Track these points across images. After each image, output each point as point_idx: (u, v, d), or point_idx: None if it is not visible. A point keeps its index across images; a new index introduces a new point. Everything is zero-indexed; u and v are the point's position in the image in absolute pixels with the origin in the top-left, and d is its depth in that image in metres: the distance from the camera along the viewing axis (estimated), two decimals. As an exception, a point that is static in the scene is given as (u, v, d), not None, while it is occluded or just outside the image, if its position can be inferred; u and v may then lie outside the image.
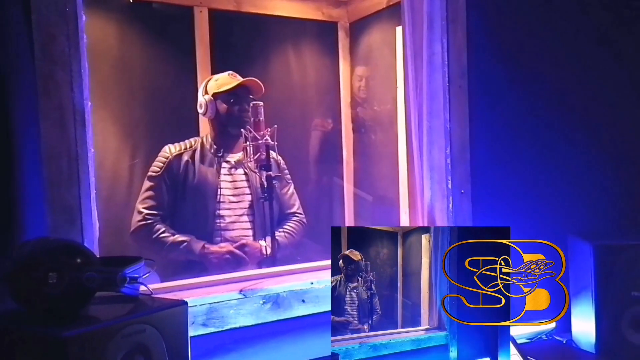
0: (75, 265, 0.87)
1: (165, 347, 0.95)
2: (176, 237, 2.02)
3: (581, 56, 1.93)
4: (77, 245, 0.93)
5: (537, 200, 1.82)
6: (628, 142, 1.99)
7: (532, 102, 1.84)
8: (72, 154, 1.27)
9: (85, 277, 0.87)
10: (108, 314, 0.91)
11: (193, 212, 2.07)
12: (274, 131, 2.04)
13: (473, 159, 1.74)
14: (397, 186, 2.23)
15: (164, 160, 2.06)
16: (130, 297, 0.96)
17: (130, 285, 0.93)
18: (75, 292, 0.87)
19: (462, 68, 1.74)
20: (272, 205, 2.04)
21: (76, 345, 0.82)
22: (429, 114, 1.77)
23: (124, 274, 0.91)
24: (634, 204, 1.95)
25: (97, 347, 0.84)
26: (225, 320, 1.43)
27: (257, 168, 2.06)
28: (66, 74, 1.27)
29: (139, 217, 2.02)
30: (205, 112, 2.12)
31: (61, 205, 1.25)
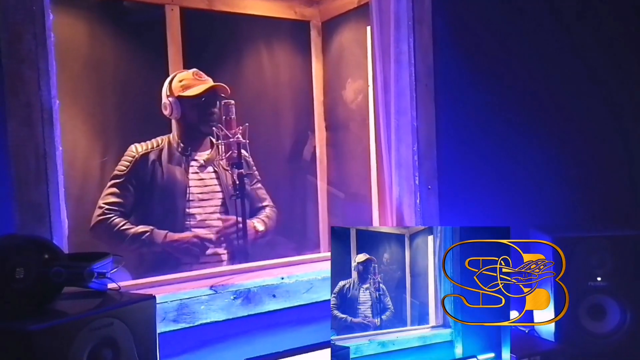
0: (42, 260, 0.89)
1: (134, 341, 0.96)
2: (137, 229, 1.99)
3: (541, 57, 1.99)
4: (44, 241, 0.95)
5: (500, 196, 1.88)
6: (586, 140, 2.06)
7: (495, 101, 1.90)
8: (39, 152, 1.27)
9: (52, 272, 0.88)
10: (75, 308, 0.92)
11: (162, 211, 2.06)
12: (245, 129, 2.06)
13: (439, 155, 1.78)
14: (370, 184, 2.27)
15: (130, 160, 2.04)
16: (98, 292, 0.97)
17: (98, 280, 0.94)
18: (42, 287, 0.89)
19: (429, 67, 1.78)
20: (244, 203, 2.06)
21: (43, 339, 0.83)
22: (396, 112, 1.81)
23: (92, 269, 0.92)
24: (590, 199, 2.02)
25: (64, 341, 0.86)
26: (196, 315, 1.45)
27: (229, 166, 2.07)
28: (33, 73, 1.27)
29: (99, 212, 1.99)
30: (171, 113, 2.09)
31: (29, 203, 1.26)
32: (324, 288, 1.62)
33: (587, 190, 2.01)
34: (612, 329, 1.59)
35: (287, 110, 2.85)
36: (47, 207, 1.28)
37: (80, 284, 0.93)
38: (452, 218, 1.80)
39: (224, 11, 2.62)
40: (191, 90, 2.06)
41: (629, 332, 1.57)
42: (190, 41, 2.52)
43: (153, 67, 2.47)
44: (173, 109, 2.08)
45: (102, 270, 0.96)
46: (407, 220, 1.81)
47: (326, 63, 2.87)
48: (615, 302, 1.59)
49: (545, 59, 2.00)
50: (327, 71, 2.87)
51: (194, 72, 2.12)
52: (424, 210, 1.77)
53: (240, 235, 2.07)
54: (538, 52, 1.98)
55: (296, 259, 1.74)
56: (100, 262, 0.96)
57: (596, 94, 2.08)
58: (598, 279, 1.59)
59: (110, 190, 2.01)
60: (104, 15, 2.37)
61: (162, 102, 2.12)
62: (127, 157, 2.06)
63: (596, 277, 1.58)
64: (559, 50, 2.02)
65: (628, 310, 1.58)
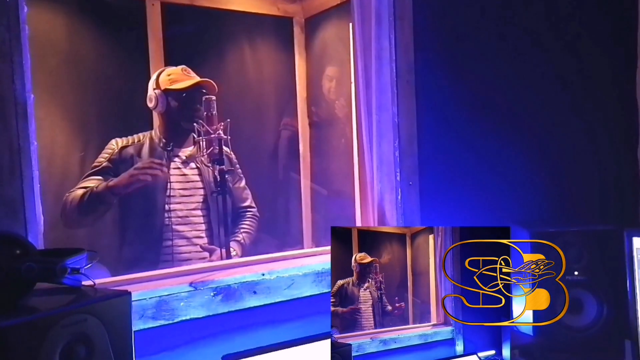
0: (13, 255, 0.87)
1: (109, 338, 0.95)
2: (77, 192, 1.95)
3: (519, 55, 2.01)
4: (15, 236, 0.93)
5: (480, 191, 1.89)
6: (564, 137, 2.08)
7: (474, 97, 1.91)
8: (13, 147, 1.25)
9: (24, 268, 0.87)
10: (47, 305, 0.91)
11: (141, 206, 2.05)
12: (226, 125, 2.05)
13: (420, 152, 1.79)
14: (352, 180, 2.27)
15: (110, 152, 2.03)
16: (72, 288, 0.96)
17: (72, 276, 0.93)
18: (13, 282, 0.87)
19: (410, 64, 1.79)
20: (226, 199, 2.05)
21: (14, 335, 0.82)
22: (378, 108, 1.81)
23: (65, 265, 0.91)
24: (569, 195, 2.04)
25: (36, 338, 0.84)
26: (176, 312, 1.44)
27: (210, 162, 2.07)
28: (7, 66, 1.25)
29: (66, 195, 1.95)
30: (156, 106, 2.09)
31: (3, 199, 1.24)
32: (306, 284, 1.61)
33: (566, 186, 2.04)
34: (589, 323, 1.61)
35: (269, 107, 2.84)
36: (22, 203, 1.26)
37: (53, 279, 0.92)
38: (433, 214, 1.81)
39: (205, 6, 2.60)
40: (178, 84, 2.06)
41: (605, 325, 1.60)
42: (172, 37, 2.50)
43: (133, 63, 2.44)
44: (158, 102, 2.08)
45: (76, 266, 0.94)
46: (389, 216, 1.81)
47: (309, 60, 2.87)
48: (592, 296, 1.61)
49: (523, 58, 2.02)
50: (310, 68, 2.87)
51: (182, 68, 2.14)
52: (405, 206, 1.78)
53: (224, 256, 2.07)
54: (516, 49, 2.00)
55: (277, 255, 1.74)
56: (74, 257, 0.95)
57: (567, 94, 2.11)
58: (575, 273, 1.61)
59: (87, 179, 1.99)
60: (83, 10, 2.34)
61: (147, 95, 2.12)
62: (107, 149, 2.05)
63: (573, 271, 1.60)
64: (535, 50, 2.04)
65: (604, 303, 1.61)
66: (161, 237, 2.05)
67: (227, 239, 2.13)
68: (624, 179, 2.05)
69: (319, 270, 1.64)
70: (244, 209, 2.25)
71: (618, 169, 2.07)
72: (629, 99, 2.03)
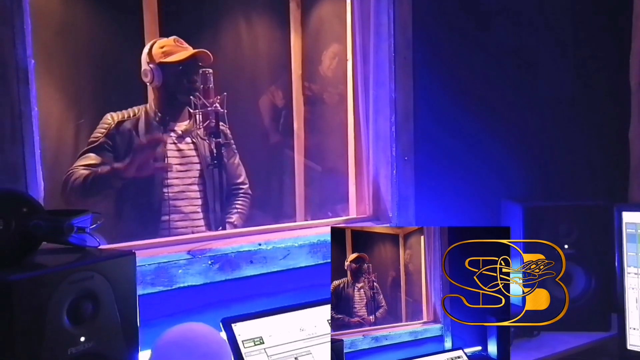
0: (21, 213, 0.88)
1: (114, 296, 0.97)
2: (81, 172, 1.93)
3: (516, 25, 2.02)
4: (23, 194, 0.94)
5: (475, 168, 1.92)
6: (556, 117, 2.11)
7: (471, 73, 1.93)
8: (15, 111, 1.25)
9: (32, 225, 0.88)
10: (55, 262, 0.93)
11: (140, 180, 2.05)
12: (223, 99, 2.05)
13: (416, 128, 1.81)
14: (347, 157, 2.28)
15: (106, 127, 2.01)
16: (77, 248, 0.97)
17: (78, 235, 0.95)
18: (21, 239, 0.88)
19: (408, 40, 1.80)
20: (222, 173, 2.06)
21: (22, 290, 0.83)
22: (375, 84, 1.83)
23: (72, 223, 0.92)
24: (561, 170, 2.08)
25: (44, 292, 0.86)
26: (174, 279, 1.46)
27: (207, 135, 2.07)
28: (8, 30, 1.24)
29: (69, 172, 1.95)
30: (152, 80, 2.05)
31: (4, 164, 1.24)
32: (301, 255, 1.64)
33: (558, 163, 2.07)
34: (578, 294, 1.65)
35: (263, 82, 2.84)
36: (23, 168, 1.26)
37: (60, 237, 0.93)
38: (428, 189, 1.84)
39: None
40: (174, 56, 2.03)
41: (593, 298, 1.65)
42: (167, 9, 2.48)
43: (128, 35, 2.42)
44: (154, 76, 2.04)
45: (82, 225, 0.96)
46: (383, 191, 1.84)
47: (305, 37, 2.86)
48: (581, 269, 1.65)
49: (521, 33, 2.03)
50: (306, 45, 2.86)
51: (174, 39, 2.09)
52: (399, 182, 1.80)
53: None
54: (515, 26, 2.02)
55: (273, 227, 1.76)
56: (80, 217, 0.96)
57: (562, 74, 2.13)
58: (565, 246, 1.65)
59: (85, 155, 1.98)
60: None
61: (142, 69, 2.09)
62: (103, 124, 2.02)
63: (564, 244, 1.64)
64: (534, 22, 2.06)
65: (593, 276, 1.65)
66: (159, 211, 2.05)
67: (223, 215, 2.15)
68: (613, 158, 2.09)
69: (314, 242, 1.66)
70: (237, 186, 2.25)
71: (610, 150, 2.11)
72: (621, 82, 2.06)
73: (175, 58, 2.04)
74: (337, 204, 2.35)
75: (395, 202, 1.79)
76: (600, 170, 2.08)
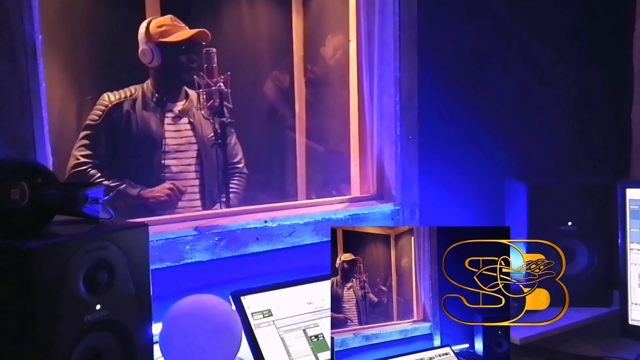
0: (37, 182, 0.89)
1: (128, 267, 0.98)
2: (109, 183, 1.97)
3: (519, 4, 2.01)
4: (38, 165, 0.95)
5: (479, 147, 1.93)
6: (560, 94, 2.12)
7: (476, 51, 1.93)
8: (23, 86, 1.25)
9: (48, 194, 0.89)
10: (70, 231, 0.93)
11: (137, 162, 2.04)
12: (227, 78, 2.05)
13: (421, 106, 1.81)
14: (348, 138, 2.29)
15: (103, 109, 2.00)
16: (90, 219, 0.98)
17: (92, 205, 0.95)
18: (37, 208, 0.89)
19: (412, 18, 1.79)
20: (226, 153, 2.07)
21: (39, 257, 0.84)
22: (379, 62, 1.82)
23: (86, 194, 0.93)
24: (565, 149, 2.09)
25: (60, 261, 0.87)
26: (181, 255, 1.47)
27: (210, 115, 2.06)
28: (16, 6, 1.24)
29: (73, 162, 1.96)
30: (151, 60, 2.03)
31: (13, 138, 1.24)
32: (306, 232, 1.65)
33: (561, 141, 2.08)
34: (581, 271, 1.67)
35: (266, 63, 2.83)
36: (32, 142, 1.27)
37: (75, 208, 0.94)
38: (431, 168, 1.85)
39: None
40: (174, 36, 2.02)
41: (596, 274, 1.66)
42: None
43: (129, 14, 2.41)
44: (154, 56, 2.02)
45: (95, 197, 0.96)
46: (387, 170, 1.84)
47: (307, 18, 2.85)
48: (584, 246, 1.67)
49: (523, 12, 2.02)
50: (308, 26, 2.85)
51: (171, 18, 2.07)
52: (403, 160, 1.81)
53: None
54: (518, 7, 2.01)
55: (279, 205, 1.77)
56: (94, 188, 0.97)
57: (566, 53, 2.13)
58: (569, 223, 1.66)
59: (84, 141, 1.98)
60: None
61: (139, 49, 2.07)
62: (99, 106, 2.01)
63: (567, 222, 1.66)
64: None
65: (596, 253, 1.67)
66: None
67: (220, 196, 2.15)
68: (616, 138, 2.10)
69: (319, 219, 1.68)
70: (233, 165, 2.24)
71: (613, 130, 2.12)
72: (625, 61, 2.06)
73: (176, 38, 2.02)
74: (340, 183, 2.36)
75: (399, 181, 1.80)
76: (603, 150, 2.09)
